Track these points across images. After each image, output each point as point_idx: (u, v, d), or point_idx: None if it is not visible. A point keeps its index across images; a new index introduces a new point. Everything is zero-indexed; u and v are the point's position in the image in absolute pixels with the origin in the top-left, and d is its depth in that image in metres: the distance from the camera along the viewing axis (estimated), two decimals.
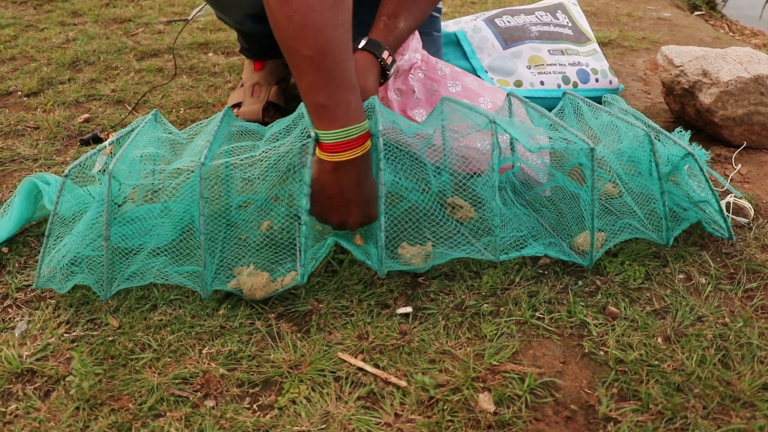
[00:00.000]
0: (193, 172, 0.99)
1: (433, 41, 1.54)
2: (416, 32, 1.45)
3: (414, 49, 1.35)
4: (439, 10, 1.67)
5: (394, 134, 1.09)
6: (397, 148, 1.09)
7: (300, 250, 1.03)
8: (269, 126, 1.18)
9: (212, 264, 1.05)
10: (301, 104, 1.18)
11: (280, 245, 1.10)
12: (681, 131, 1.22)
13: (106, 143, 1.05)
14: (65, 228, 1.03)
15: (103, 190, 1.00)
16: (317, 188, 1.02)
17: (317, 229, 1.14)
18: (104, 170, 1.01)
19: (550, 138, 1.06)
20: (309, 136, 1.00)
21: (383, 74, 1.25)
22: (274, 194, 1.10)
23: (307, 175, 1.00)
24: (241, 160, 1.04)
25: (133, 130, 1.11)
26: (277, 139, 1.08)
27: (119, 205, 1.07)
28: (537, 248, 1.10)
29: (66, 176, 0.99)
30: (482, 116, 1.08)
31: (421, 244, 1.10)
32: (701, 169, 1.10)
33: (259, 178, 1.06)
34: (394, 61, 1.26)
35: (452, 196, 1.19)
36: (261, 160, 1.03)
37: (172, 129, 1.17)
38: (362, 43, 1.23)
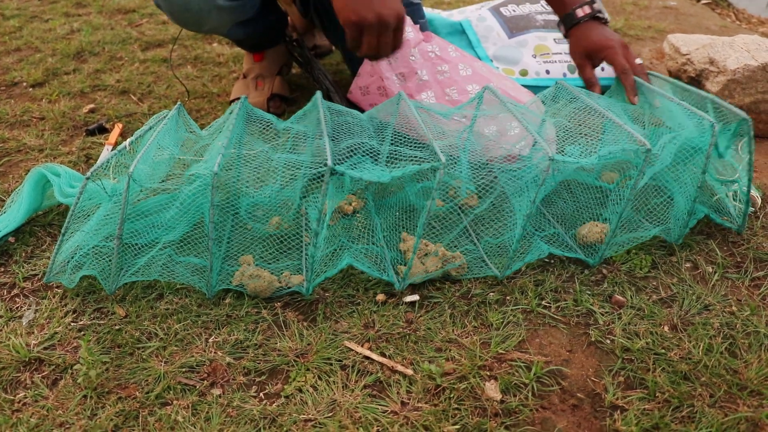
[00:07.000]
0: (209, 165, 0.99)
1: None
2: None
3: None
4: None
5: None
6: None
7: (306, 267, 1.02)
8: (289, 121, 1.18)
9: (218, 262, 1.04)
10: (317, 94, 1.17)
11: (286, 236, 1.10)
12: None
13: (126, 143, 1.03)
14: (78, 223, 1.03)
15: (116, 186, 0.99)
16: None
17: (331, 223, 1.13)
18: (116, 165, 1.00)
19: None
20: (324, 164, 0.95)
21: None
22: (285, 197, 1.09)
23: (321, 202, 0.96)
24: (254, 187, 1.06)
25: (151, 128, 1.09)
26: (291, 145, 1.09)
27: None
28: (540, 248, 1.09)
29: (88, 179, 0.98)
30: (529, 133, 1.04)
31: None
32: (748, 142, 1.07)
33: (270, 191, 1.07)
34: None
35: (456, 178, 1.17)
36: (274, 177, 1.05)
37: (193, 126, 1.15)
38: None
